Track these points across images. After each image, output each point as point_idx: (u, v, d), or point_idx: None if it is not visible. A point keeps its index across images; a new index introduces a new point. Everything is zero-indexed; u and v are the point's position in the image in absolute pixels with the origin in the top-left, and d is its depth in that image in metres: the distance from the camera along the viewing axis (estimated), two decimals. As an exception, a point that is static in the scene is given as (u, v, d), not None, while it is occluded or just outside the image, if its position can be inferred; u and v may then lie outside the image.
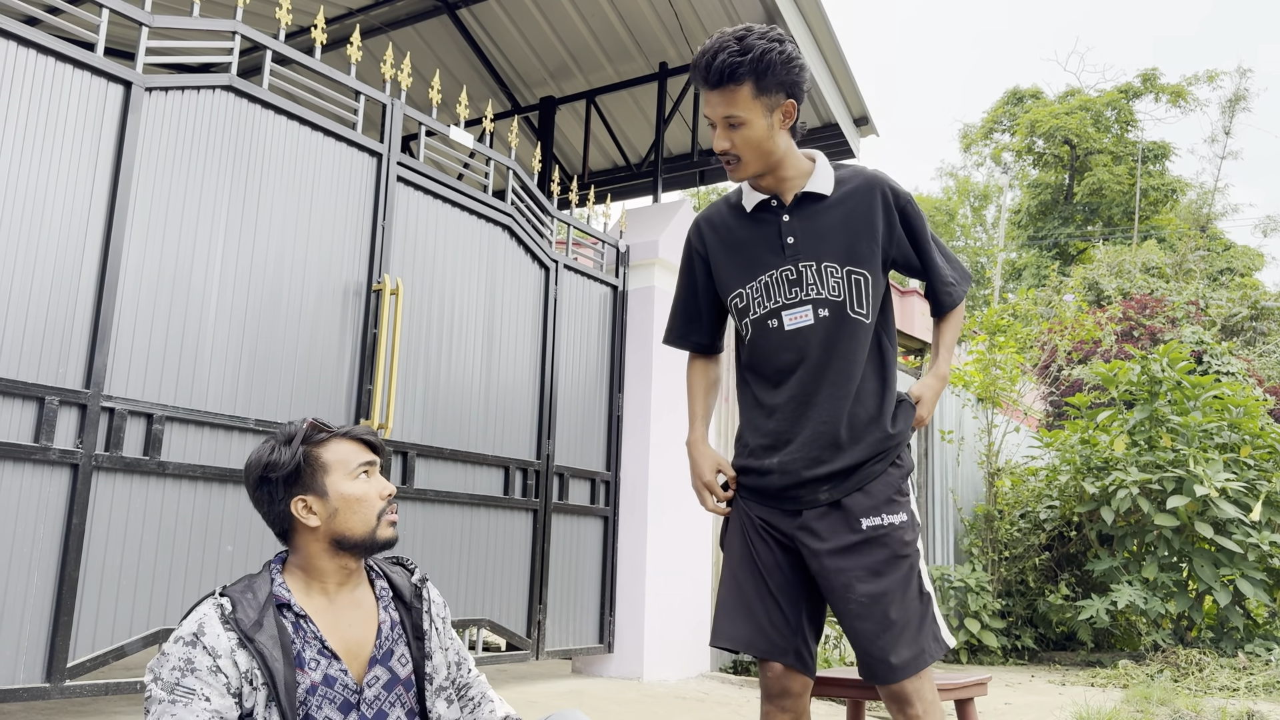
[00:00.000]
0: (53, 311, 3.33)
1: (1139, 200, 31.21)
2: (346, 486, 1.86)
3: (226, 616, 1.73)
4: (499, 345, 5.20)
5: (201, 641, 1.70)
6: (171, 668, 1.68)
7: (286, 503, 1.86)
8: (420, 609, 1.95)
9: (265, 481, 1.87)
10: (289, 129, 4.17)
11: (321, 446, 1.90)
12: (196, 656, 1.69)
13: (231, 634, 1.71)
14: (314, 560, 1.86)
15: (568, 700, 4.82)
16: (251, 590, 1.79)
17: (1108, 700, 6.40)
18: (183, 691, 1.67)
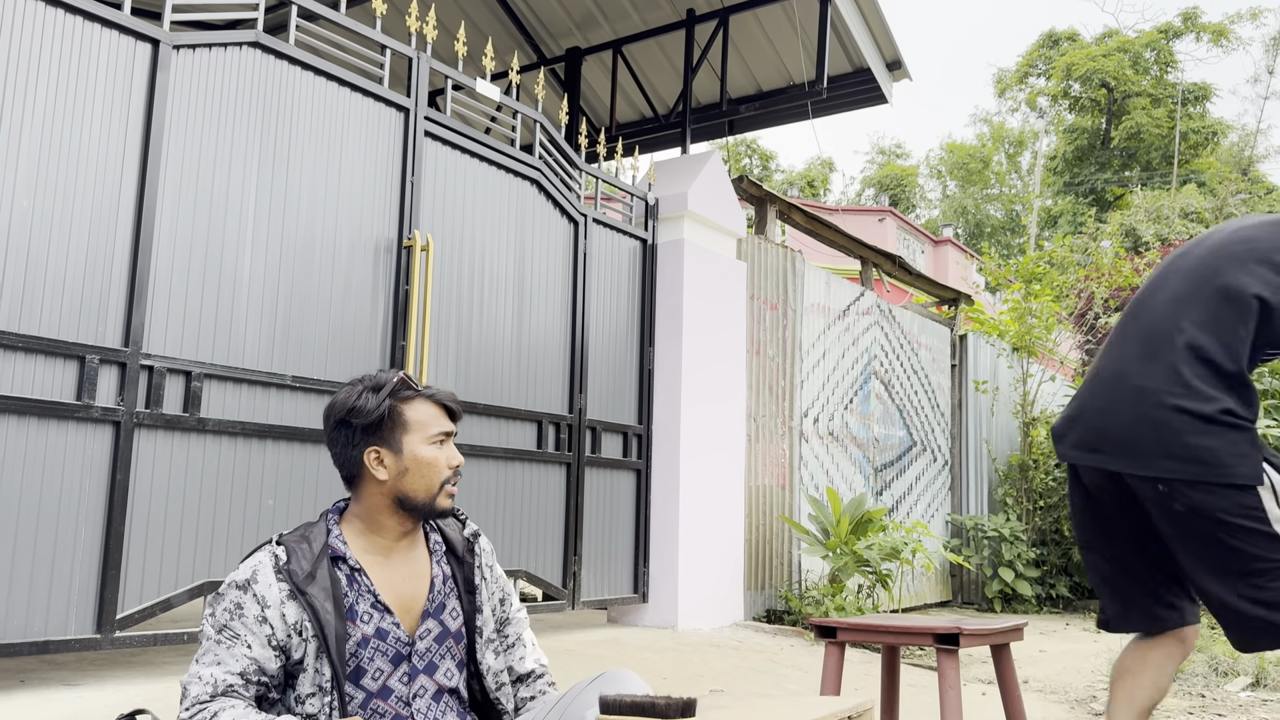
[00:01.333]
0: (90, 271, 3.37)
1: (1178, 144, 30.54)
2: (421, 449, 1.87)
3: (280, 566, 1.75)
4: (529, 300, 5.21)
5: (253, 589, 1.73)
6: (224, 608, 1.73)
7: (361, 450, 1.86)
8: (472, 563, 1.96)
9: (345, 425, 1.87)
10: (316, 84, 4.16)
11: (407, 404, 1.89)
12: (246, 603, 1.72)
13: (284, 584, 1.74)
14: (374, 513, 1.87)
15: (604, 648, 4.89)
16: (307, 540, 1.81)
17: (1143, 647, 6.38)
18: (229, 634, 1.71)
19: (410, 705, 1.80)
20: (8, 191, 3.18)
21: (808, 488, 7.27)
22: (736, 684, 4.60)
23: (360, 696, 1.77)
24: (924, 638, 2.69)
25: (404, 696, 1.80)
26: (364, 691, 1.77)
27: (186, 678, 1.70)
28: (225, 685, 1.68)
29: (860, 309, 8.17)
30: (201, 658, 1.71)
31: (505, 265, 5.06)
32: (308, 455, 3.98)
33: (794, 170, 41.92)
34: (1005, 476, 9.56)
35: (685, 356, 6.02)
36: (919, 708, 4.44)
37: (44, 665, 3.69)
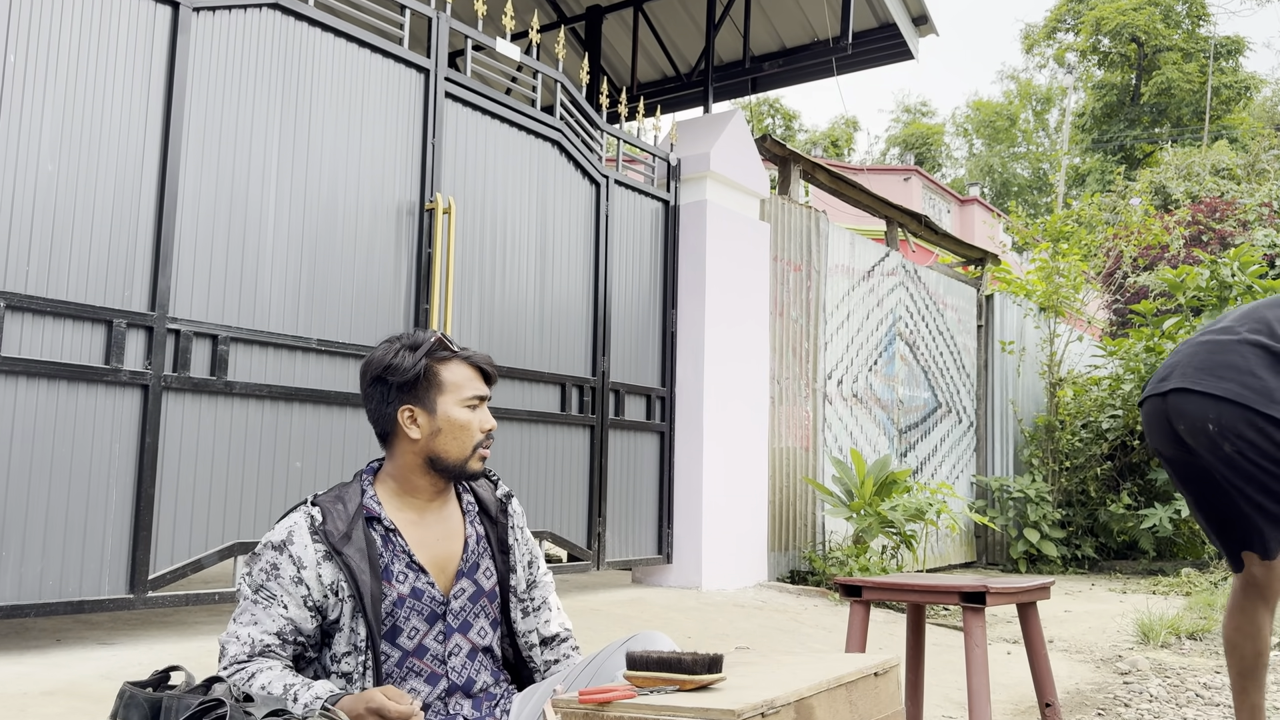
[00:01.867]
0: (115, 235, 3.39)
1: (1210, 99, 29.95)
2: (455, 411, 1.87)
3: (316, 527, 1.76)
4: (551, 263, 5.19)
5: (289, 550, 1.74)
6: (259, 569, 1.75)
7: (395, 408, 1.86)
8: (505, 524, 1.97)
9: (381, 381, 1.87)
10: (336, 46, 4.14)
11: (443, 364, 1.89)
12: (282, 563, 1.74)
13: (320, 545, 1.75)
14: (407, 472, 1.88)
15: (628, 608, 4.93)
16: (342, 501, 1.81)
17: (1170, 608, 6.38)
18: (265, 595, 1.73)
19: (445, 663, 1.82)
20: (33, 157, 3.19)
21: (831, 450, 7.26)
22: (761, 643, 4.62)
23: (396, 655, 1.78)
24: (950, 596, 2.69)
25: (439, 655, 1.81)
26: (400, 650, 1.79)
27: (225, 636, 1.72)
28: (263, 645, 1.70)
29: (885, 270, 8.10)
30: (239, 617, 1.73)
31: (527, 228, 5.04)
32: (334, 418, 4.01)
33: (817, 130, 41.48)
34: (1031, 437, 9.51)
35: (708, 318, 5.99)
36: (943, 666, 4.45)
37: (79, 625, 3.76)
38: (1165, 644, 5.33)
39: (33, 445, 3.13)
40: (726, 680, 1.58)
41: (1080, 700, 4.15)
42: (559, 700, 1.51)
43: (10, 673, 2.92)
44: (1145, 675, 4.59)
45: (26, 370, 3.11)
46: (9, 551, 3.06)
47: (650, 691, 1.50)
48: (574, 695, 1.50)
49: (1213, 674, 4.60)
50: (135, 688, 1.74)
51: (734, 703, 1.39)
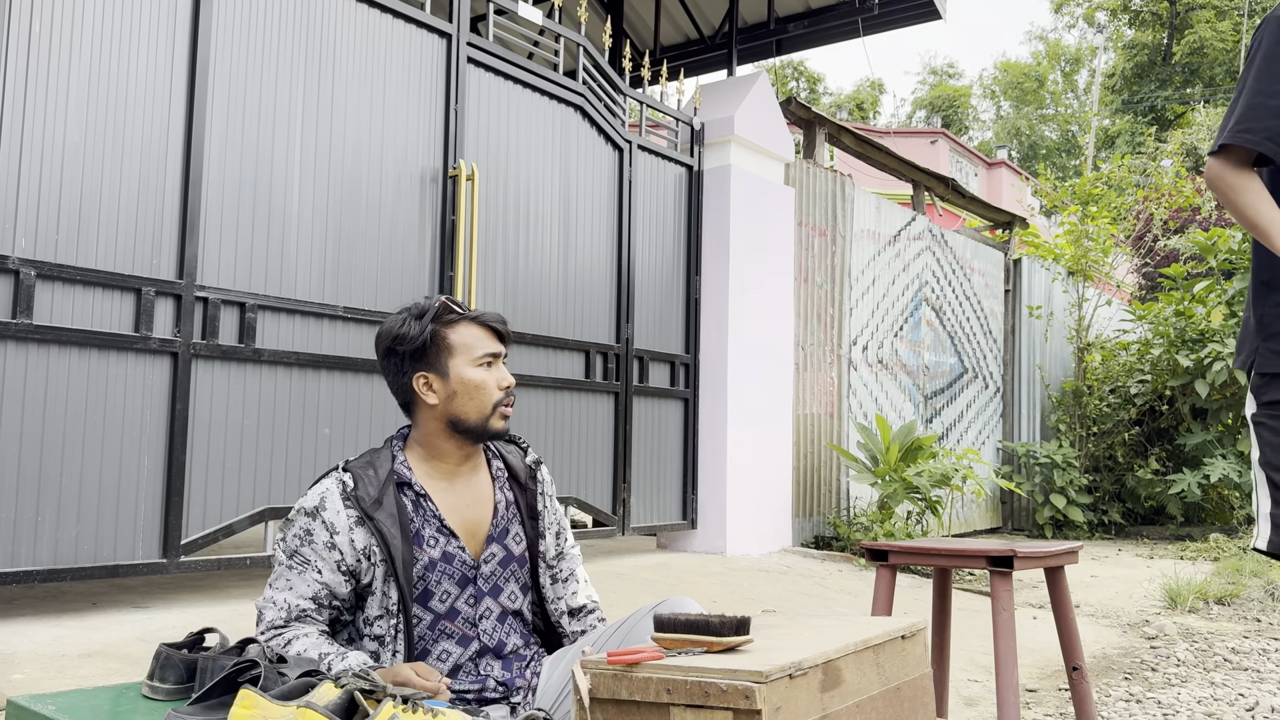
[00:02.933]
0: (142, 204, 3.40)
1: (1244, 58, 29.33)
2: (467, 372, 1.87)
3: (348, 493, 1.78)
4: (575, 229, 5.18)
5: (322, 515, 1.76)
6: (293, 534, 1.77)
7: (409, 376, 1.88)
8: (535, 490, 1.98)
9: (392, 353, 1.90)
10: (358, 11, 4.12)
11: (450, 327, 1.90)
12: (315, 529, 1.76)
13: (352, 511, 1.77)
14: (432, 438, 1.89)
15: (653, 573, 4.96)
16: (373, 467, 1.83)
17: (1198, 573, 6.35)
18: (299, 560, 1.75)
19: (476, 626, 1.84)
20: (59, 126, 3.20)
21: (856, 416, 7.24)
22: (786, 607, 4.64)
23: (428, 618, 1.80)
24: (977, 560, 2.68)
25: (470, 618, 1.83)
26: (431, 613, 1.81)
27: (261, 601, 1.75)
28: (299, 610, 1.73)
29: (911, 234, 8.03)
30: (274, 582, 1.76)
31: (550, 194, 5.03)
32: (361, 385, 4.03)
33: (842, 93, 41.03)
34: (1058, 403, 9.45)
35: (732, 284, 5.97)
36: (969, 631, 4.46)
37: (114, 589, 3.83)
38: (1193, 609, 5.31)
39: (65, 412, 3.17)
40: (754, 642, 1.58)
41: (1107, 664, 4.14)
42: (588, 661, 1.52)
43: (48, 635, 2.98)
44: (1172, 640, 4.58)
45: (58, 338, 3.15)
46: (45, 517, 3.11)
47: (678, 653, 1.51)
48: (602, 656, 1.51)
49: (1241, 639, 4.59)
50: (171, 649, 1.78)
51: (762, 664, 1.40)
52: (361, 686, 1.37)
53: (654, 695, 1.43)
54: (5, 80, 3.08)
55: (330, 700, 1.36)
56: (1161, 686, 3.78)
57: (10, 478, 3.04)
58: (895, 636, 1.73)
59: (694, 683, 1.40)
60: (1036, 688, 3.74)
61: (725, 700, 1.37)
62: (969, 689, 3.64)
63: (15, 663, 2.69)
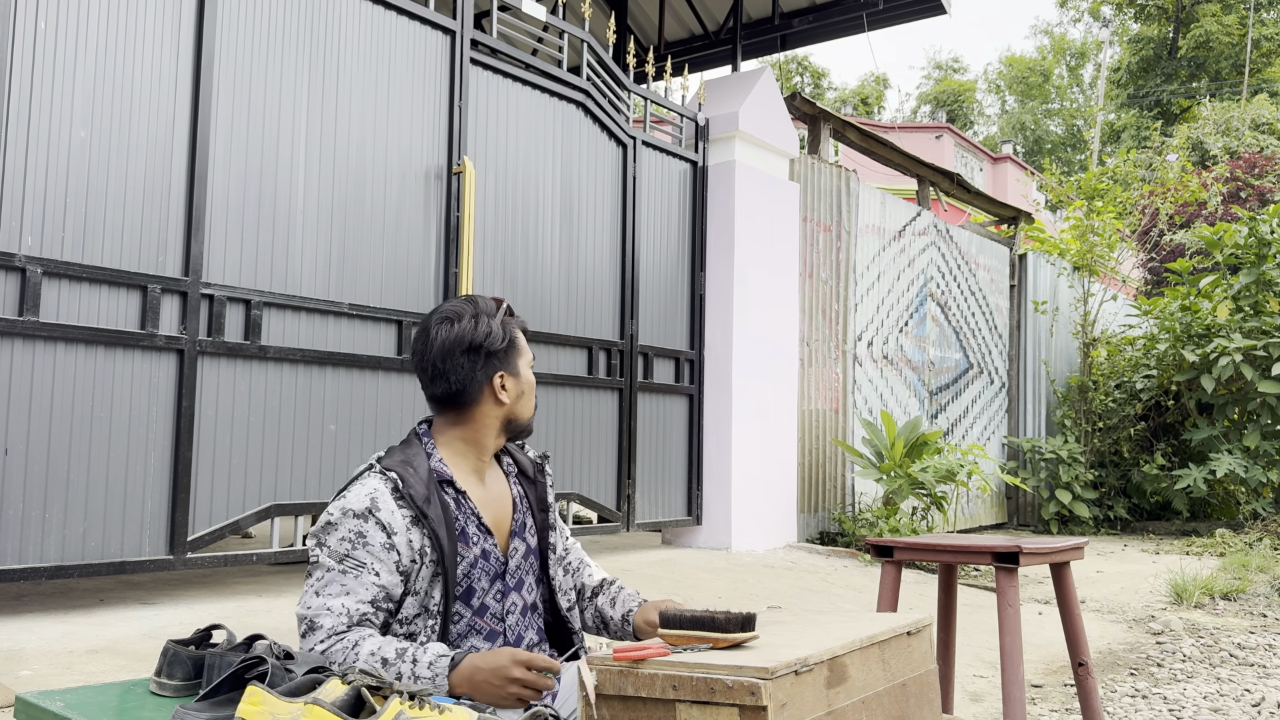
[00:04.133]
0: (148, 201, 3.41)
1: (1250, 52, 29.21)
2: (528, 373, 1.92)
3: (401, 492, 1.74)
4: (579, 225, 5.18)
5: (376, 516, 1.71)
6: (341, 538, 1.69)
7: (487, 375, 1.85)
8: (544, 483, 1.99)
9: (475, 351, 1.84)
10: (362, 9, 4.12)
11: (514, 329, 1.92)
12: (369, 531, 1.70)
13: (406, 510, 1.73)
14: (484, 436, 1.87)
15: (659, 569, 4.96)
16: (412, 466, 1.79)
17: (1204, 568, 6.34)
18: (353, 563, 1.68)
19: (504, 621, 1.84)
20: (65, 124, 3.21)
21: (861, 411, 7.23)
22: (791, 603, 4.65)
23: (466, 615, 1.81)
24: (982, 556, 2.68)
25: (498, 613, 1.84)
26: (470, 610, 1.81)
27: (311, 610, 1.66)
28: (359, 615, 1.67)
29: (916, 229, 8.02)
30: (324, 590, 1.67)
31: (554, 190, 5.03)
32: (366, 381, 4.04)
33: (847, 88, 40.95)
34: (1064, 398, 9.43)
35: (737, 280, 5.97)
36: (975, 627, 4.46)
37: (121, 585, 3.84)
38: (1199, 604, 5.30)
39: (72, 409, 3.18)
40: (759, 638, 1.58)
41: (1113, 660, 4.14)
42: (594, 658, 1.52)
43: (57, 631, 2.99)
44: (1178, 635, 4.57)
45: (65, 335, 3.16)
46: (53, 514, 3.12)
47: (684, 649, 1.52)
48: (608, 653, 1.51)
49: (1247, 634, 4.58)
50: (178, 646, 1.78)
51: (768, 660, 1.40)
52: (368, 683, 1.37)
53: (660, 691, 1.43)
54: (11, 79, 3.08)
55: (337, 696, 1.36)
56: (1167, 682, 3.78)
57: (18, 475, 3.05)
58: (900, 632, 1.73)
59: (700, 679, 1.40)
60: (1042, 683, 3.74)
61: (731, 696, 1.37)
62: (975, 685, 3.64)
63: (23, 659, 2.70)
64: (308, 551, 1.74)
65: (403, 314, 4.15)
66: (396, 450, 1.84)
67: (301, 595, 1.70)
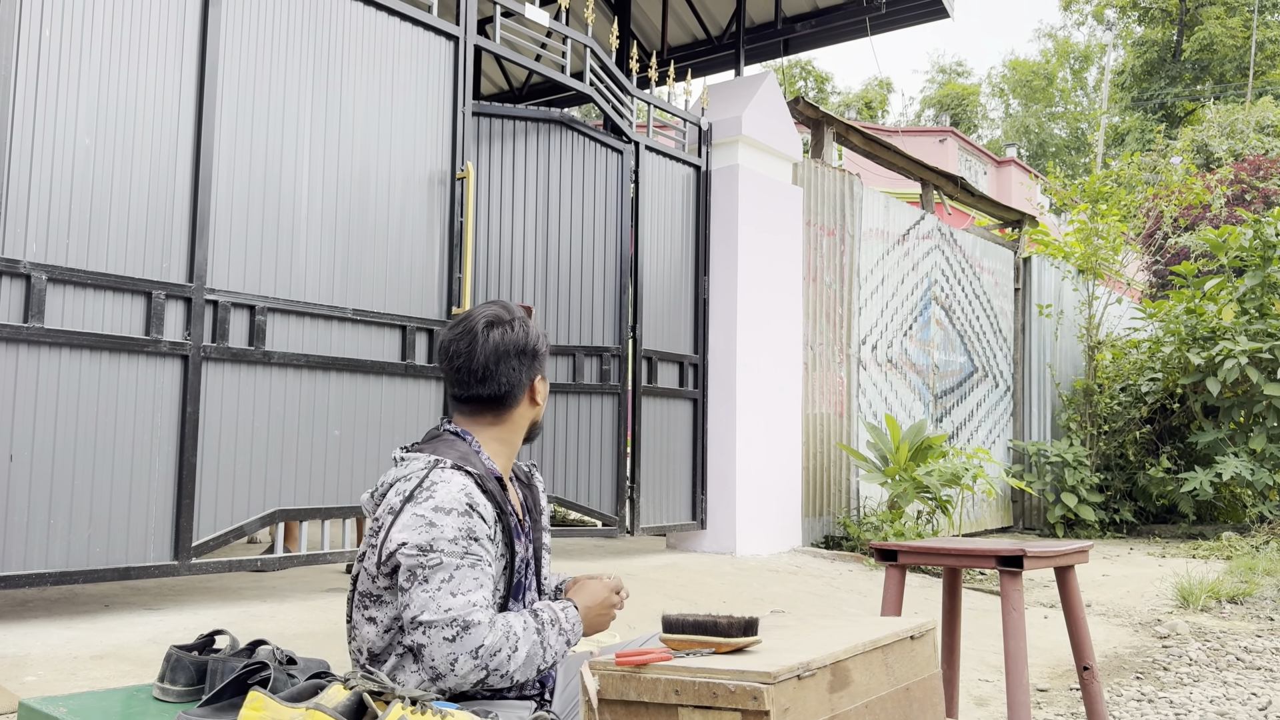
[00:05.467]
0: (152, 208, 3.42)
1: (1254, 54, 29.17)
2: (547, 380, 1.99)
3: (484, 488, 1.76)
4: (583, 229, 5.18)
5: (477, 511, 1.72)
6: (452, 538, 1.66)
7: (530, 377, 1.90)
8: (537, 489, 2.04)
9: (527, 354, 1.88)
10: (366, 15, 4.13)
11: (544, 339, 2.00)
12: (475, 525, 1.70)
13: (492, 505, 1.76)
14: (516, 437, 1.92)
15: (663, 573, 4.96)
16: (469, 462, 1.80)
17: (1210, 572, 6.32)
18: (473, 558, 1.68)
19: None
20: (70, 131, 3.22)
21: (866, 415, 7.22)
22: (796, 607, 4.64)
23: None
24: (987, 560, 2.68)
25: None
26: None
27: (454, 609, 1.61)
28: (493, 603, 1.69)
29: (920, 233, 8.01)
30: (459, 588, 1.64)
31: (558, 194, 5.03)
32: (370, 386, 4.04)
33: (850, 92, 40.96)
34: (1069, 401, 9.41)
35: (740, 284, 5.97)
36: (980, 631, 4.45)
37: (126, 591, 3.84)
38: (1205, 608, 5.28)
39: (77, 415, 3.19)
40: (762, 643, 1.58)
41: (1119, 664, 4.13)
42: (596, 662, 1.52)
43: (61, 637, 3.00)
44: (1184, 639, 4.56)
45: (69, 342, 3.16)
46: (58, 519, 3.12)
47: (686, 654, 1.51)
48: (610, 658, 1.51)
49: (1254, 637, 4.56)
50: (182, 651, 1.78)
51: (770, 665, 1.40)
52: (370, 688, 1.38)
53: (662, 696, 1.43)
54: (16, 86, 3.09)
55: (339, 702, 1.36)
56: (1173, 686, 3.77)
57: (23, 481, 3.06)
58: (904, 637, 1.73)
59: (702, 684, 1.40)
60: (1048, 687, 3.73)
61: (733, 701, 1.37)
62: (980, 689, 3.63)
63: (28, 664, 2.70)
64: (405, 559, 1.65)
65: (406, 319, 4.16)
66: (439, 446, 1.83)
67: (423, 602, 1.62)
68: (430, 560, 1.64)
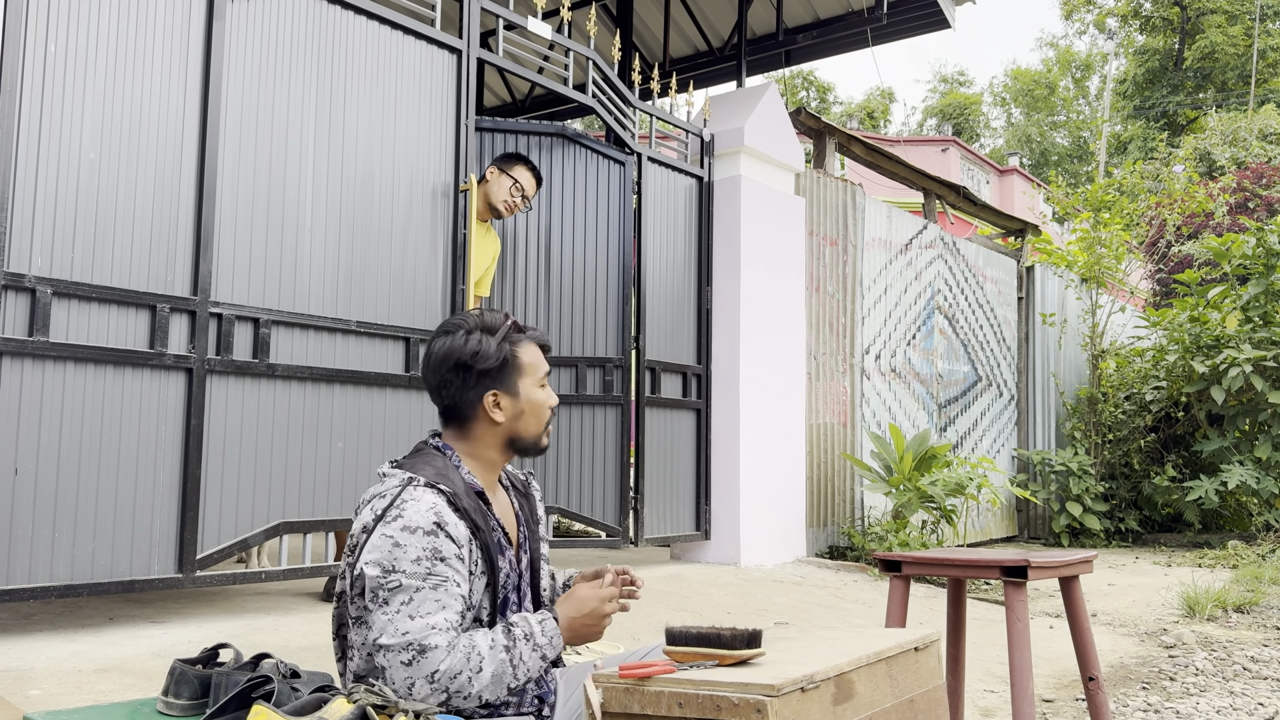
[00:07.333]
0: (156, 221, 3.43)
1: (1256, 62, 29.20)
2: (534, 392, 1.89)
3: (457, 506, 1.74)
4: (585, 241, 5.19)
5: (445, 530, 1.70)
6: (415, 558, 1.65)
7: (480, 393, 1.86)
8: (534, 498, 2.03)
9: (465, 369, 1.85)
10: (369, 28, 4.15)
11: (519, 346, 1.90)
12: (443, 545, 1.69)
13: (464, 522, 1.74)
14: (485, 451, 1.89)
15: (668, 584, 4.95)
16: (448, 478, 1.79)
17: (1216, 580, 6.30)
18: (437, 579, 1.67)
19: None
20: (75, 145, 3.24)
21: (870, 425, 7.22)
22: (800, 618, 4.63)
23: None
24: (991, 570, 2.67)
25: None
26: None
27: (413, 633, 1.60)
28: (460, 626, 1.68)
29: (923, 242, 8.02)
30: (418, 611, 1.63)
31: (560, 206, 5.05)
32: (374, 398, 4.05)
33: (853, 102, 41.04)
34: (1073, 410, 9.40)
35: (744, 295, 5.97)
36: (985, 641, 4.44)
37: (130, 604, 3.84)
38: (1211, 617, 5.26)
39: (82, 428, 3.20)
40: (766, 655, 1.58)
41: (1124, 674, 4.11)
42: (600, 675, 1.52)
43: (66, 650, 3.00)
44: (1191, 649, 4.54)
45: (74, 355, 3.17)
46: (62, 533, 3.13)
47: (690, 666, 1.51)
48: (614, 670, 1.51)
49: (1260, 647, 4.55)
50: (186, 665, 1.79)
51: (773, 677, 1.40)
52: (373, 702, 1.38)
53: (666, 709, 1.43)
54: (21, 100, 3.11)
55: (343, 716, 1.36)
56: (1180, 696, 3.75)
57: (28, 494, 3.06)
58: (908, 648, 1.73)
59: (705, 696, 1.40)
60: (1054, 698, 3.72)
61: (737, 714, 1.37)
62: (985, 699, 3.62)
63: (32, 678, 2.71)
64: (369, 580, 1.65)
65: (410, 331, 4.17)
66: (418, 462, 1.82)
67: (381, 625, 1.62)
68: (390, 582, 1.64)
